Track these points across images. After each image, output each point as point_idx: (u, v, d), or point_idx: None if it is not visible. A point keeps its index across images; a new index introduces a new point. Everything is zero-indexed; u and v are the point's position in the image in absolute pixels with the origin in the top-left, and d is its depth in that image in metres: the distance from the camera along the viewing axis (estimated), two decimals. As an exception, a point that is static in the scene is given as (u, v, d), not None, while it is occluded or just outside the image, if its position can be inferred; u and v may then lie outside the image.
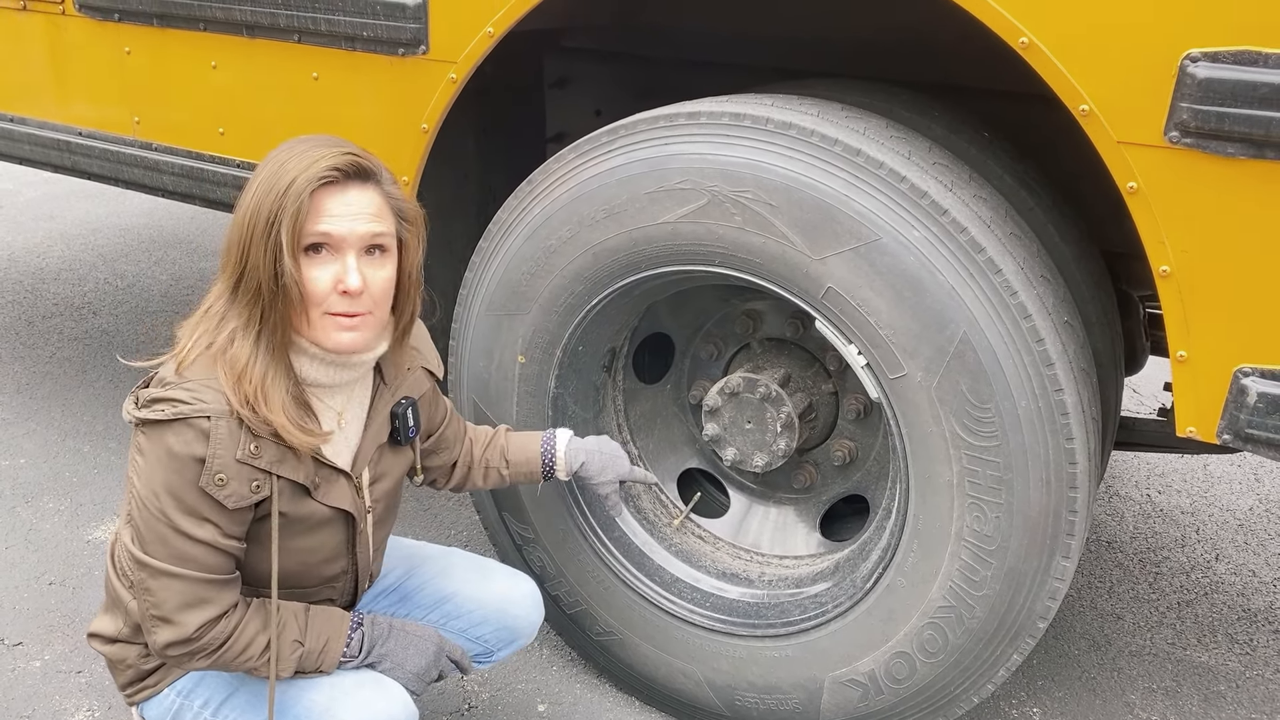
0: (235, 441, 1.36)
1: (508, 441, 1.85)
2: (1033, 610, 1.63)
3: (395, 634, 1.59)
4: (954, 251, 1.52)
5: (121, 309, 4.16)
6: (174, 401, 1.34)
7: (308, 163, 1.36)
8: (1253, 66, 1.27)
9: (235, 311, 1.40)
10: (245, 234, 1.37)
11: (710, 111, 1.67)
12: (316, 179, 1.36)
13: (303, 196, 1.35)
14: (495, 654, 1.81)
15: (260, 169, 1.40)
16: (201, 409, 1.34)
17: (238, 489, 1.37)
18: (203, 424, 1.34)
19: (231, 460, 1.36)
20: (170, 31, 2.22)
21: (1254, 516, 2.98)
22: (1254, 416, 1.39)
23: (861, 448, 2.03)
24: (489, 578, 1.80)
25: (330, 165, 1.37)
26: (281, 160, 1.38)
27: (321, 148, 1.39)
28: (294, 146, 1.41)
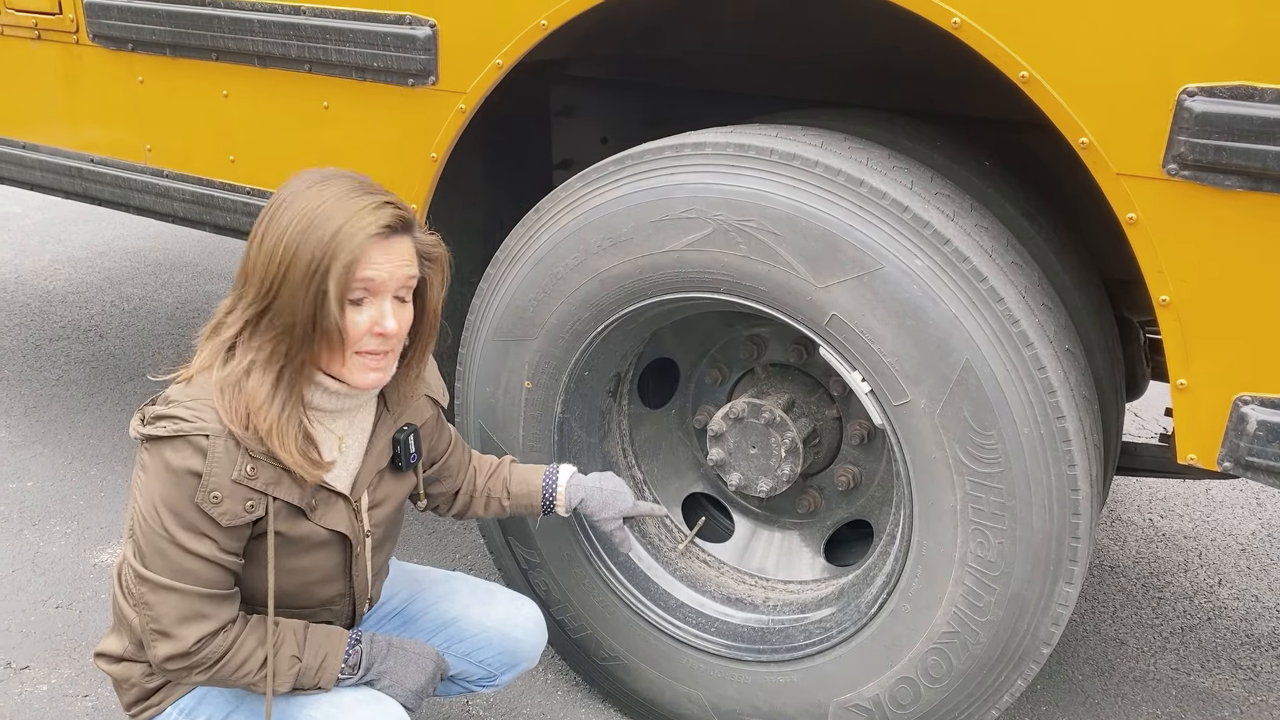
0: (232, 461, 1.39)
1: (511, 473, 1.86)
2: (1037, 636, 1.64)
3: (394, 651, 1.60)
4: (956, 280, 1.54)
5: (128, 332, 4.18)
6: (175, 419, 1.38)
7: (353, 212, 1.39)
8: (1248, 101, 1.30)
9: (256, 344, 1.41)
10: (276, 272, 1.38)
11: (715, 142, 1.69)
12: (370, 235, 1.39)
13: (356, 251, 1.38)
14: (498, 678, 1.81)
15: (286, 205, 1.41)
16: (201, 427, 1.37)
17: (232, 507, 1.40)
18: (201, 442, 1.37)
19: (227, 480, 1.39)
20: (183, 61, 2.25)
21: (1256, 541, 2.98)
22: (1254, 444, 1.41)
23: (865, 473, 2.04)
24: (492, 602, 1.81)
25: (384, 224, 1.40)
26: (319, 205, 1.39)
27: (360, 195, 1.41)
28: (327, 188, 1.41)
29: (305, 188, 1.42)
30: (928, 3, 1.48)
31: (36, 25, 2.46)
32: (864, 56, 2.16)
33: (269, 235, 1.40)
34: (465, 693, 1.84)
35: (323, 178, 1.44)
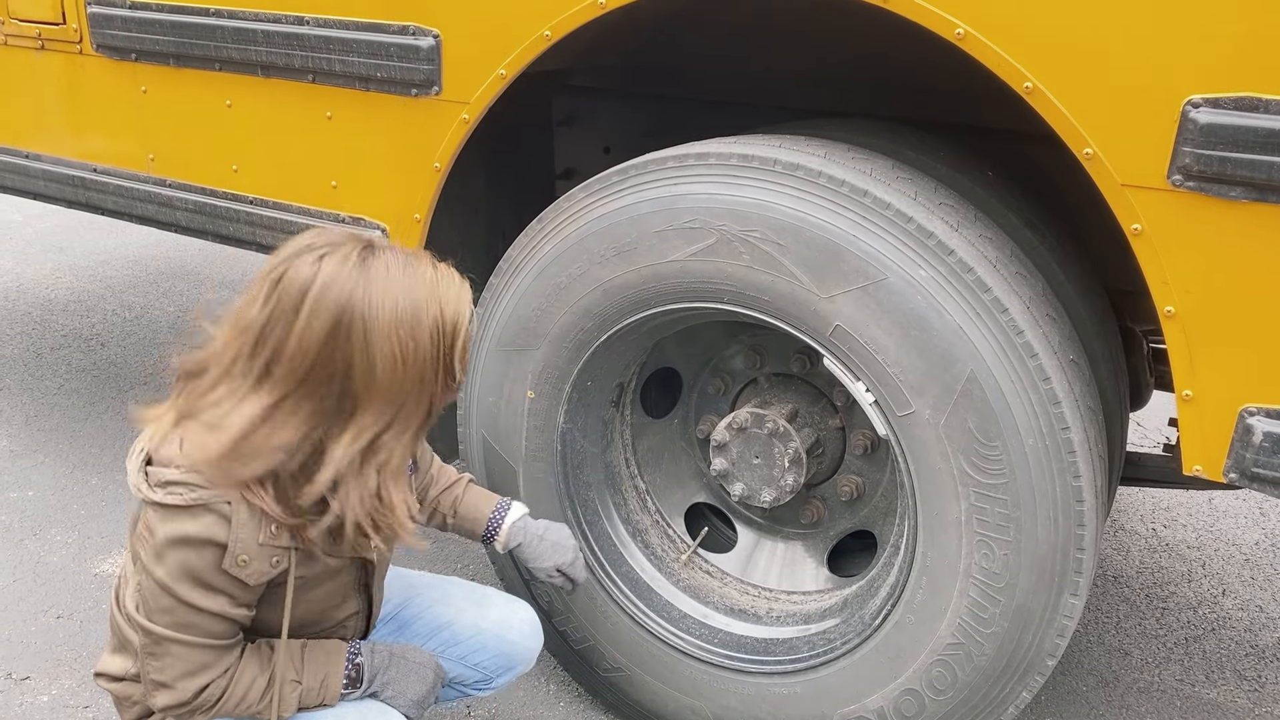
0: (257, 524, 1.36)
1: (464, 494, 1.85)
2: (1042, 648, 1.63)
3: (396, 661, 1.60)
4: (960, 291, 1.54)
5: (129, 340, 4.18)
6: (192, 485, 1.33)
7: (456, 292, 1.38)
8: (1253, 112, 1.30)
9: (320, 434, 1.35)
10: (387, 372, 1.32)
11: (719, 152, 1.69)
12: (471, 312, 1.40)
13: (465, 314, 1.39)
14: (494, 680, 1.81)
15: (362, 303, 1.31)
16: (222, 493, 1.34)
17: (259, 567, 1.38)
18: (224, 508, 1.34)
19: (254, 543, 1.36)
20: (186, 71, 2.26)
21: (1260, 551, 2.97)
22: (1260, 455, 1.40)
23: (869, 483, 2.04)
24: (486, 605, 1.81)
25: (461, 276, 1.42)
26: (420, 285, 1.34)
27: (429, 261, 1.40)
28: (411, 271, 1.35)
29: (354, 275, 1.33)
30: (931, 13, 1.48)
31: (40, 35, 2.46)
32: (867, 67, 2.16)
33: (351, 340, 1.31)
34: (461, 697, 1.83)
35: (395, 260, 1.37)
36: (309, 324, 1.31)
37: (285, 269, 1.34)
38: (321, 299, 1.31)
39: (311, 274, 1.32)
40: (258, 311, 1.34)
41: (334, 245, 1.35)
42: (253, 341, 1.33)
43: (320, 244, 1.36)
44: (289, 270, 1.33)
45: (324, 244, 1.36)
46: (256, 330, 1.33)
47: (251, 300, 1.35)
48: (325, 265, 1.32)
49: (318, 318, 1.31)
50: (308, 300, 1.31)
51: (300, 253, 1.35)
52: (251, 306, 1.35)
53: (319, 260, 1.33)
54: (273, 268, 1.36)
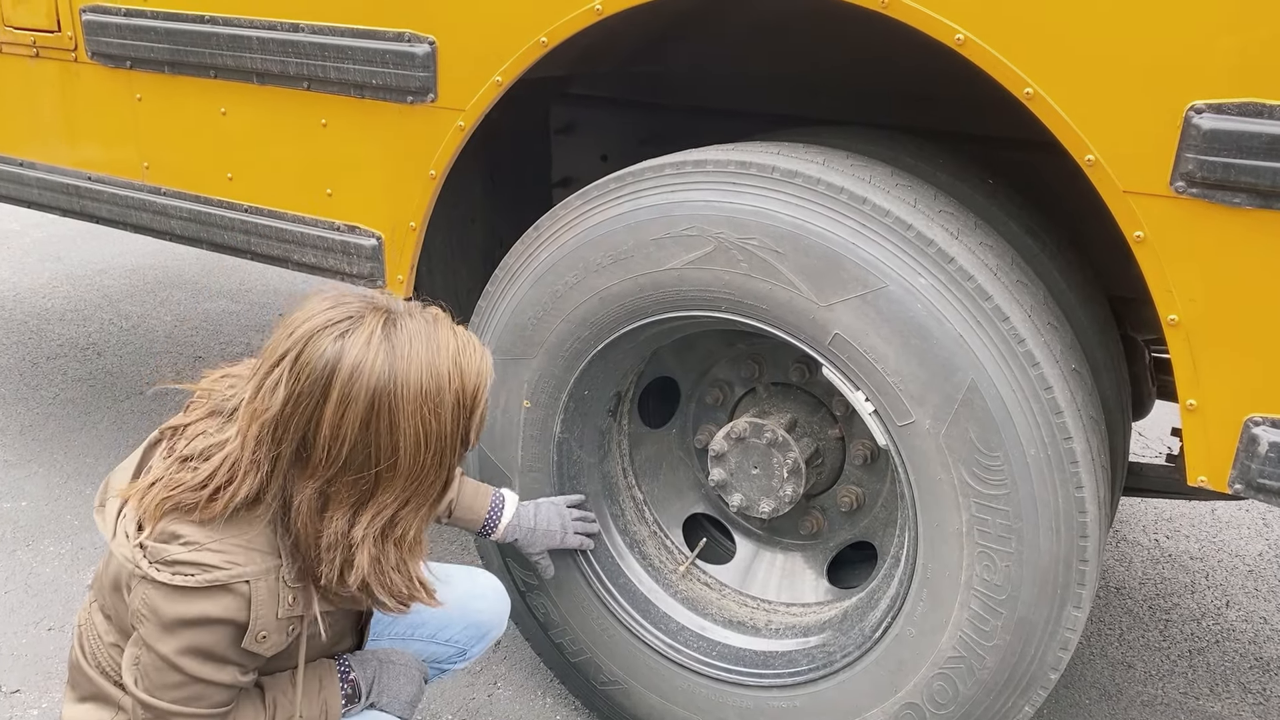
0: (275, 598, 1.32)
1: (459, 493, 1.82)
2: (1044, 661, 1.61)
3: (385, 667, 1.58)
4: (961, 299, 1.52)
5: (126, 350, 4.16)
6: (205, 566, 1.27)
7: (478, 361, 1.34)
8: (1257, 118, 1.28)
9: (346, 509, 1.31)
10: (421, 431, 1.28)
11: (717, 160, 1.68)
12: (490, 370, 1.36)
13: (484, 386, 1.34)
14: (469, 651, 1.81)
15: (389, 376, 1.25)
16: (239, 573, 1.28)
17: (277, 640, 1.35)
18: (242, 588, 1.29)
19: (273, 619, 1.33)
20: (181, 79, 2.24)
21: (1264, 562, 2.95)
22: (1265, 466, 1.38)
23: (869, 494, 2.02)
24: (449, 581, 1.78)
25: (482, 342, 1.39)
26: (442, 357, 1.29)
27: (449, 327, 1.34)
28: (433, 343, 1.30)
29: (382, 356, 1.27)
30: (930, 19, 1.47)
31: (35, 43, 2.45)
32: (867, 74, 2.15)
33: (380, 423, 1.26)
34: (440, 675, 1.83)
35: (414, 323, 1.31)
36: (342, 412, 1.25)
37: (303, 349, 1.26)
38: (353, 384, 1.24)
39: (336, 355, 1.25)
40: (277, 396, 1.26)
41: (354, 319, 1.28)
42: (272, 429, 1.26)
43: (339, 318, 1.27)
44: (308, 350, 1.25)
45: (343, 318, 1.27)
46: (275, 416, 1.26)
47: (266, 380, 1.27)
48: (349, 345, 1.25)
49: (352, 405, 1.25)
50: (336, 385, 1.24)
51: (319, 330, 1.26)
52: (270, 392, 1.26)
53: (341, 339, 1.25)
54: (290, 346, 1.27)
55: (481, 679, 2.32)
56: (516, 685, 2.30)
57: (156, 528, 1.31)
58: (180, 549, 1.28)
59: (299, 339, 1.26)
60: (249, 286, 5.02)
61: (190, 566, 1.28)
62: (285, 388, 1.25)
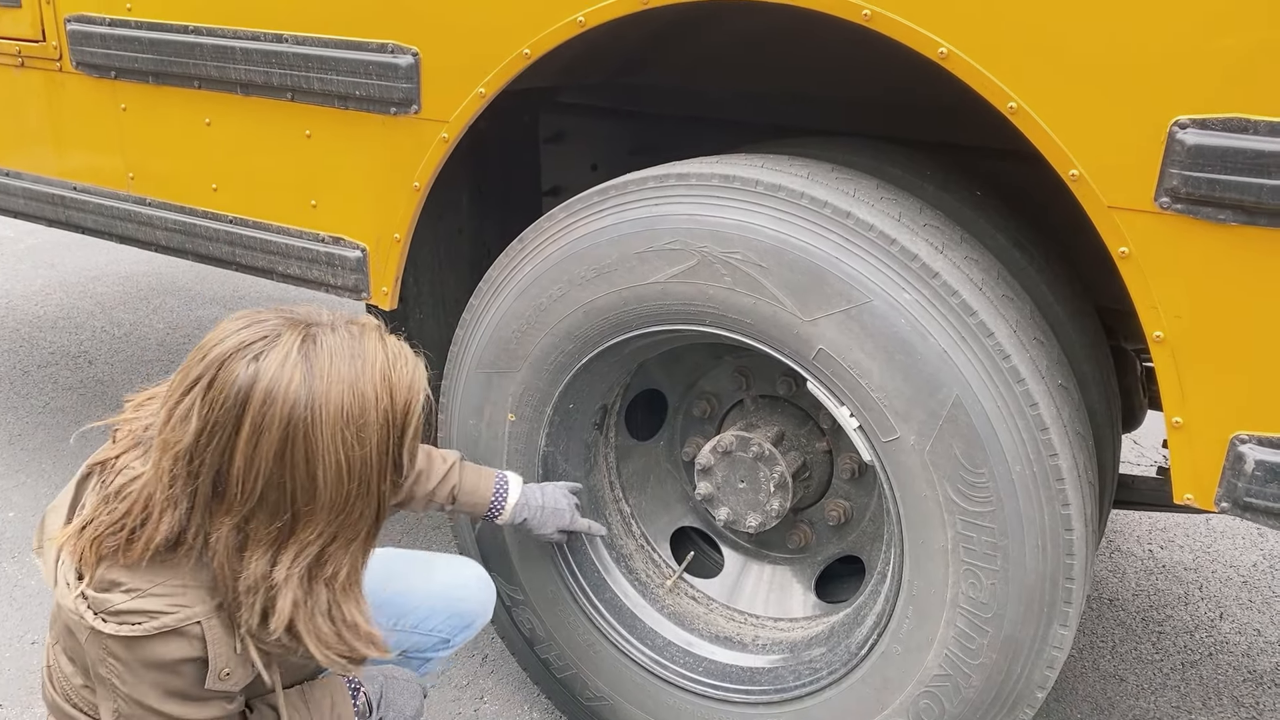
0: (231, 634, 1.26)
1: (462, 480, 1.75)
2: (1031, 679, 1.59)
3: (389, 684, 1.58)
4: (945, 314, 1.50)
5: (118, 358, 4.15)
6: (150, 614, 1.21)
7: (409, 375, 1.24)
8: (1241, 134, 1.27)
9: (265, 548, 1.22)
10: (343, 459, 1.18)
11: (700, 173, 1.66)
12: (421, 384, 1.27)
13: (419, 399, 1.26)
14: (453, 640, 1.80)
15: (306, 399, 1.16)
16: (187, 615, 1.22)
17: (242, 674, 1.30)
18: (193, 629, 1.23)
19: (232, 654, 1.27)
20: (166, 89, 2.23)
21: (1258, 573, 2.93)
22: (1252, 485, 1.36)
23: (856, 508, 2.00)
24: (431, 570, 1.78)
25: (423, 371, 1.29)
26: (367, 374, 1.20)
27: (377, 338, 1.25)
28: (357, 359, 1.21)
29: (298, 378, 1.17)
30: (914, 33, 1.45)
31: (20, 53, 2.43)
32: (853, 86, 2.13)
33: (295, 452, 1.17)
34: (424, 664, 1.82)
35: (337, 340, 1.22)
36: (255, 442, 1.16)
37: (215, 374, 1.17)
38: (266, 411, 1.15)
39: (249, 379, 1.16)
40: (189, 426, 1.17)
41: (269, 339, 1.19)
42: (186, 461, 1.18)
43: (253, 338, 1.19)
44: (220, 375, 1.17)
45: (257, 338, 1.19)
46: (188, 447, 1.17)
47: (177, 409, 1.18)
48: (264, 368, 1.16)
49: (265, 434, 1.16)
50: (249, 413, 1.16)
51: (231, 353, 1.18)
52: (180, 420, 1.18)
53: (255, 361, 1.16)
54: (201, 371, 1.18)
55: (468, 693, 2.31)
56: (503, 700, 2.28)
57: (94, 575, 1.23)
58: (122, 597, 1.22)
59: (211, 363, 1.18)
60: (242, 294, 5.01)
61: (136, 615, 1.21)
62: (198, 417, 1.17)
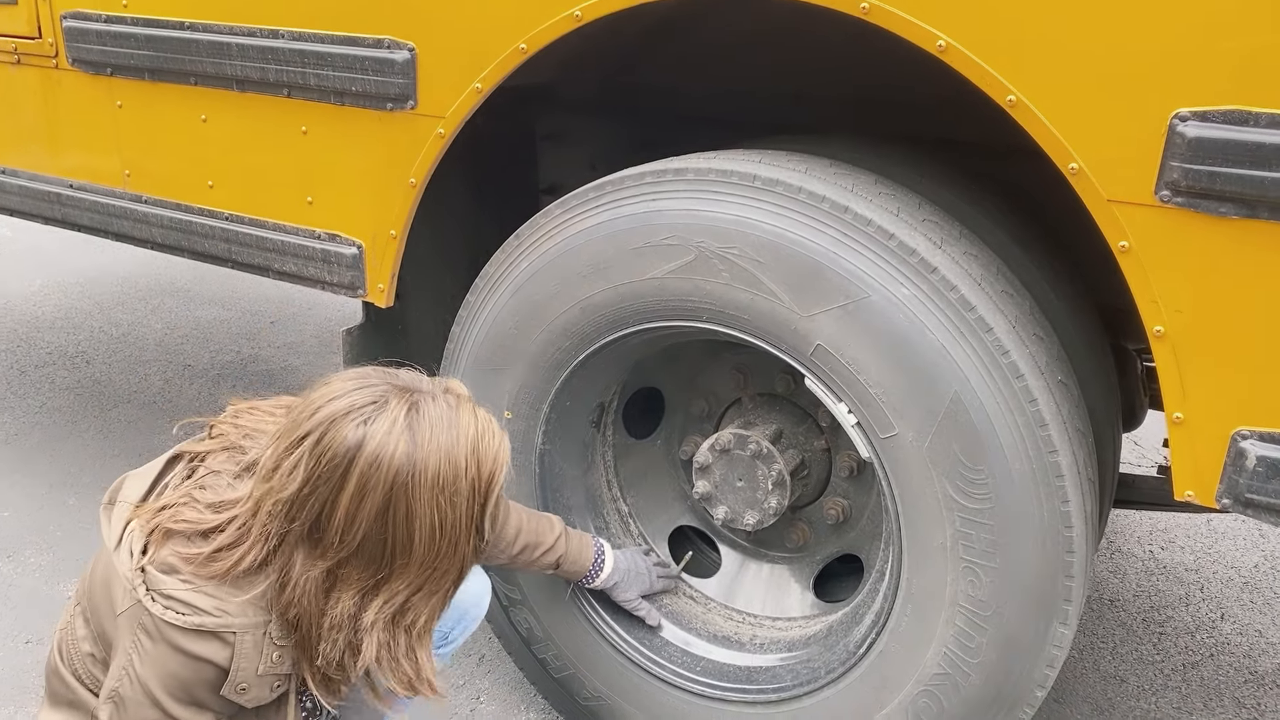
0: (259, 653, 1.31)
1: (567, 550, 1.83)
2: (1030, 678, 1.58)
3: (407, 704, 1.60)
4: (944, 309, 1.49)
5: (115, 358, 4.14)
6: (195, 609, 1.27)
7: (495, 448, 1.32)
8: (1243, 126, 1.26)
9: (361, 601, 1.29)
10: (436, 520, 1.27)
11: (697, 168, 1.65)
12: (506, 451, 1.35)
13: (501, 466, 1.33)
14: (450, 635, 1.80)
15: (408, 465, 1.24)
16: (227, 623, 1.28)
17: (259, 693, 1.34)
18: (228, 637, 1.29)
19: (254, 673, 1.32)
20: (162, 86, 2.22)
21: (1260, 574, 2.92)
22: (1253, 481, 1.35)
23: (855, 506, 1.99)
24: None
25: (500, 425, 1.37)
26: (461, 444, 1.28)
27: (471, 411, 1.33)
28: (454, 429, 1.28)
29: (403, 446, 1.25)
30: (912, 25, 1.44)
31: (16, 50, 2.43)
32: (854, 82, 2.12)
33: (397, 512, 1.26)
34: None
35: (437, 406, 1.30)
36: (360, 499, 1.24)
37: (325, 433, 1.25)
38: (373, 474, 1.24)
39: (357, 442, 1.24)
40: (296, 477, 1.25)
41: (378, 405, 1.26)
42: (287, 507, 1.26)
43: (363, 402, 1.26)
44: (330, 434, 1.24)
45: (367, 403, 1.27)
46: (291, 496, 1.25)
47: (285, 460, 1.26)
48: (372, 433, 1.24)
49: (370, 494, 1.24)
50: (355, 473, 1.24)
51: (341, 415, 1.25)
52: (288, 472, 1.25)
53: (364, 425, 1.25)
54: (311, 428, 1.25)
55: (465, 693, 2.29)
56: (500, 700, 2.27)
57: (159, 554, 1.30)
58: (177, 584, 1.28)
59: (321, 421, 1.25)
60: (241, 294, 5.00)
61: (182, 605, 1.27)
62: (304, 470, 1.24)
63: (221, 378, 3.97)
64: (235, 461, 1.38)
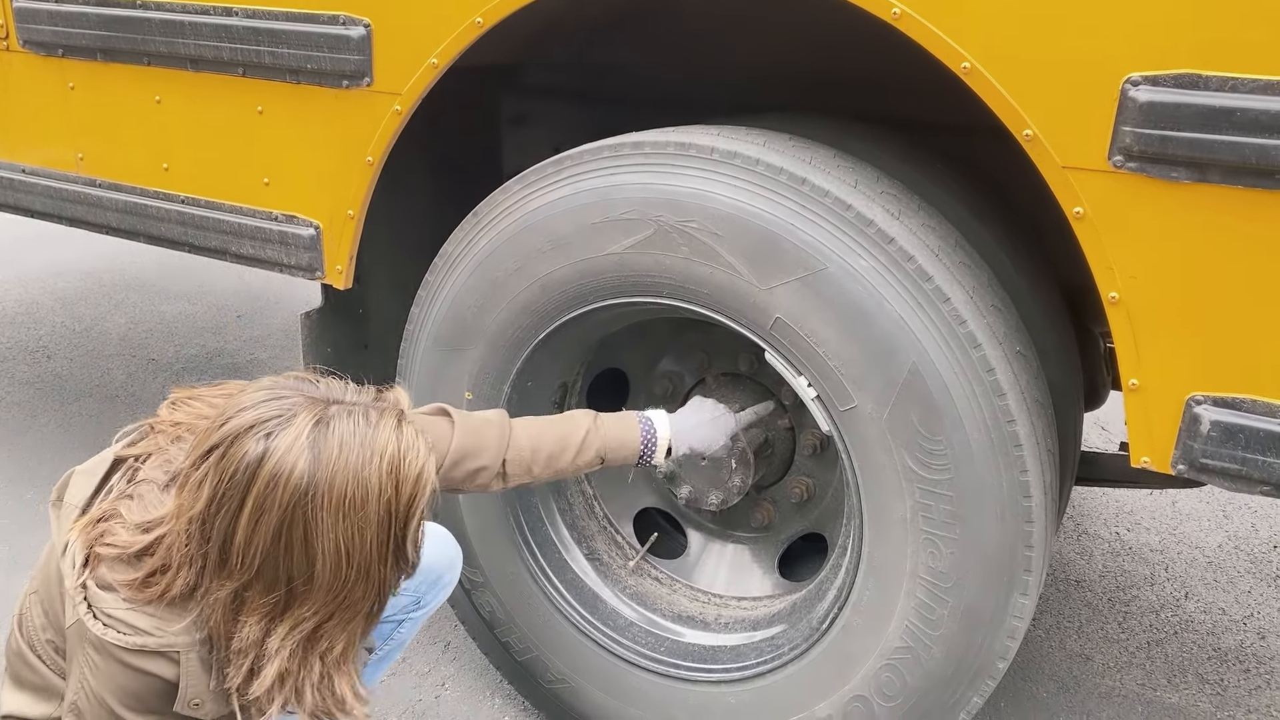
0: (208, 670, 1.27)
1: (605, 442, 1.64)
2: (992, 650, 1.58)
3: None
4: (901, 280, 1.49)
5: (77, 352, 4.07)
6: (137, 630, 1.23)
7: (417, 467, 1.23)
8: (1193, 90, 1.26)
9: (268, 624, 1.23)
10: (341, 546, 1.19)
11: (655, 141, 1.64)
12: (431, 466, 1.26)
13: (430, 480, 1.25)
14: (423, 599, 1.77)
15: (308, 486, 1.17)
16: (170, 643, 1.24)
17: (215, 708, 1.30)
18: (173, 655, 1.25)
19: (206, 689, 1.28)
20: (114, 66, 2.18)
21: (1223, 554, 2.94)
22: (1208, 446, 1.36)
23: (819, 484, 1.98)
24: None
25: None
26: (374, 464, 1.20)
27: (392, 427, 1.23)
28: (367, 448, 1.20)
29: (303, 464, 1.17)
30: (867, -6, 1.44)
31: (-34, 32, 2.38)
32: (818, 63, 2.12)
33: (293, 536, 1.18)
34: (397, 626, 1.79)
35: (345, 417, 1.21)
36: (255, 520, 1.18)
37: (229, 447, 1.19)
38: (269, 494, 1.17)
39: (256, 458, 1.17)
40: (202, 494, 1.20)
41: (284, 419, 1.19)
42: (199, 525, 1.21)
43: (269, 415, 1.19)
44: (232, 449, 1.18)
45: (272, 416, 1.19)
46: (200, 514, 1.20)
47: (194, 475, 1.21)
48: (273, 449, 1.17)
49: (266, 515, 1.17)
50: (253, 492, 1.17)
51: (245, 429, 1.19)
52: (195, 487, 1.20)
53: (265, 439, 1.18)
54: (217, 441, 1.20)
55: (429, 680, 2.27)
56: (464, 687, 2.25)
57: (99, 571, 1.26)
58: (117, 603, 1.24)
59: (226, 435, 1.19)
60: (207, 289, 4.94)
61: (124, 625, 1.23)
62: (209, 487, 1.19)
63: (186, 371, 3.92)
64: (164, 470, 1.32)
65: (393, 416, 1.25)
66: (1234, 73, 1.23)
